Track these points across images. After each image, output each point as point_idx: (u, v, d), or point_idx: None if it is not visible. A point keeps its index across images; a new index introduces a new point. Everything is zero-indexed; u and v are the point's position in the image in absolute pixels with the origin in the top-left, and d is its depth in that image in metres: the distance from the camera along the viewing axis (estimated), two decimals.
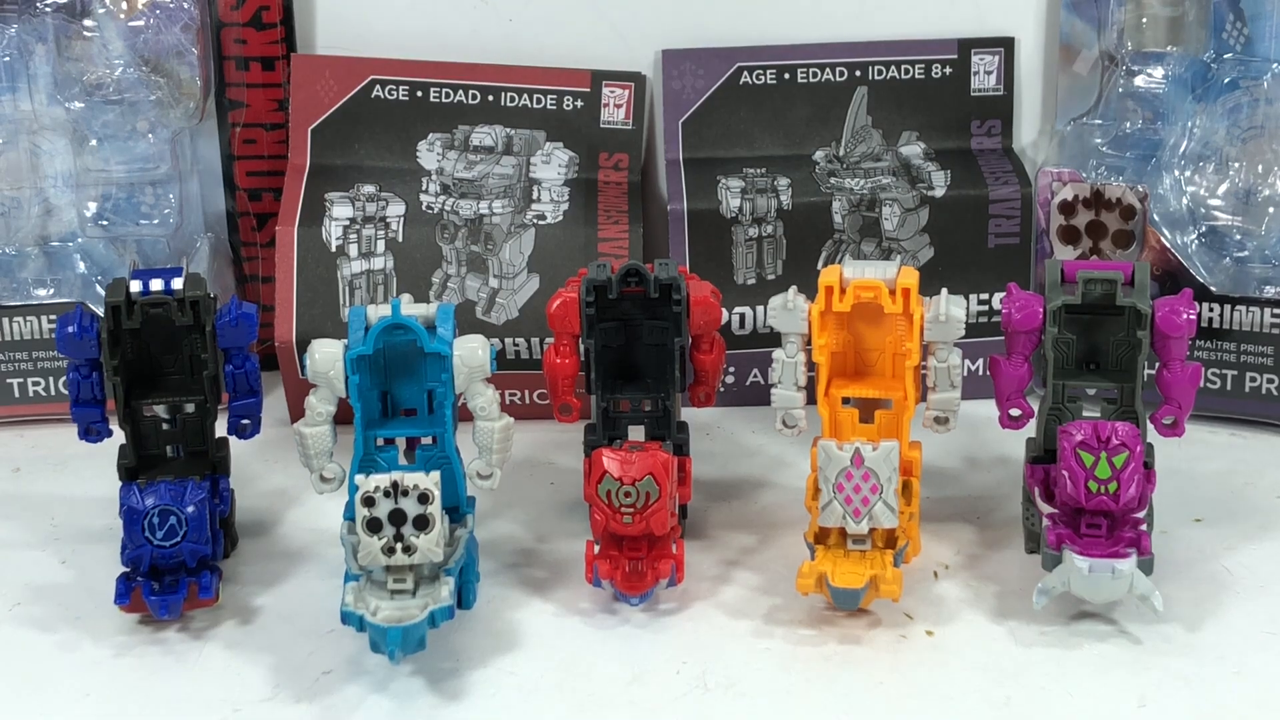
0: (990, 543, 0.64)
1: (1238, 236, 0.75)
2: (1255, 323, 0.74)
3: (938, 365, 0.61)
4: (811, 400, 0.61)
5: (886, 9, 0.81)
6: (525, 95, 0.80)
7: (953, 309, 0.60)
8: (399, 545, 0.54)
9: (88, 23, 0.76)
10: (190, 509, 0.58)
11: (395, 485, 0.54)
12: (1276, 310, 0.73)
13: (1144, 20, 0.76)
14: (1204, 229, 0.75)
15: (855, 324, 0.60)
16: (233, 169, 0.81)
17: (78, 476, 0.69)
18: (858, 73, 0.80)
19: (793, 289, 0.61)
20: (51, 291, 0.77)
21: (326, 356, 0.59)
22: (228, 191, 0.81)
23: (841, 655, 0.56)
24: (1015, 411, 0.62)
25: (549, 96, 0.80)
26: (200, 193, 0.79)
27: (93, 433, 0.61)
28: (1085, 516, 0.57)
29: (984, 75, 0.81)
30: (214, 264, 0.79)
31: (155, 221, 0.77)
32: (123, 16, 0.76)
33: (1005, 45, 0.80)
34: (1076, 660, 0.56)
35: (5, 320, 0.76)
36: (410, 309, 0.57)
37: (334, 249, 0.77)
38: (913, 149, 0.80)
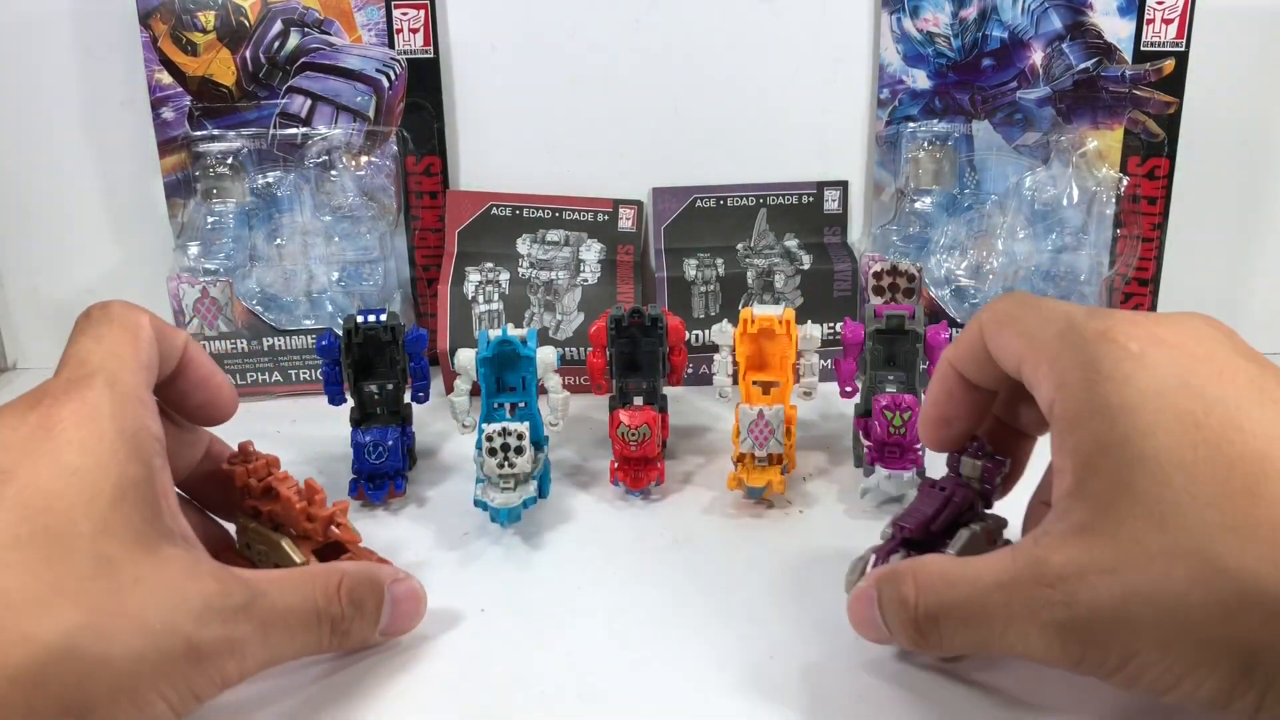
0: (835, 461, 0.64)
1: (971, 291, 0.75)
2: None
3: (805, 363, 0.61)
4: (735, 382, 0.61)
5: (777, 164, 0.81)
6: (576, 212, 0.80)
7: (813, 331, 0.60)
8: (506, 462, 0.54)
9: (333, 172, 0.76)
10: (390, 442, 0.58)
11: (504, 430, 0.54)
12: None
13: (920, 171, 0.76)
14: (953, 287, 0.75)
15: (759, 340, 0.60)
16: (414, 254, 0.81)
17: (327, 425, 0.69)
18: (761, 200, 0.80)
19: (724, 321, 0.61)
20: (313, 322, 0.77)
21: (466, 358, 0.59)
22: (411, 266, 0.81)
23: (752, 523, 0.57)
24: (848, 389, 0.62)
25: (589, 213, 0.80)
26: (395, 267, 0.79)
27: (336, 400, 0.61)
28: (887, 446, 0.58)
29: (831, 202, 0.80)
30: (403, 307, 0.80)
31: (371, 283, 0.77)
32: (354, 168, 0.77)
33: (843, 185, 0.80)
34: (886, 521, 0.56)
35: (288, 338, 0.76)
36: (512, 332, 0.58)
37: (470, 298, 0.77)
38: (792, 243, 0.80)
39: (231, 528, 0.49)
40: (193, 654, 0.35)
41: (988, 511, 0.47)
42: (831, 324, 0.74)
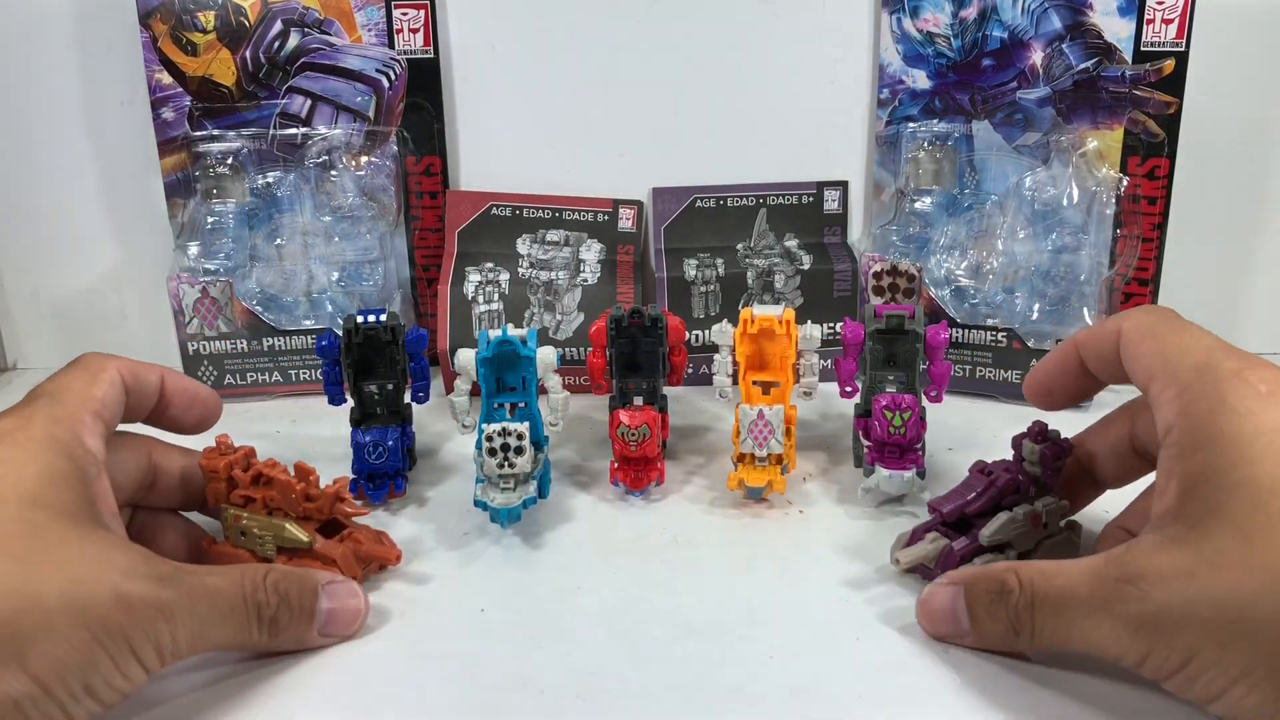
0: (835, 461, 0.64)
1: (971, 291, 0.75)
2: (981, 339, 0.74)
3: (805, 363, 0.61)
4: (735, 382, 0.61)
5: (777, 165, 0.81)
6: (576, 212, 0.80)
7: (813, 331, 0.60)
8: (506, 463, 0.54)
9: (333, 173, 0.76)
10: (390, 442, 0.58)
11: (504, 430, 0.54)
12: (992, 333, 0.73)
13: (920, 171, 0.76)
14: (953, 287, 0.75)
15: (759, 340, 0.60)
16: (414, 254, 0.80)
17: (327, 425, 0.69)
18: (761, 200, 0.80)
19: (724, 321, 0.61)
20: (313, 322, 0.77)
21: (465, 358, 0.59)
22: (411, 266, 0.81)
23: (752, 523, 0.57)
24: (848, 389, 0.62)
25: (589, 213, 0.80)
26: (395, 267, 0.79)
27: (336, 400, 0.61)
28: (887, 446, 0.58)
29: (831, 202, 0.80)
30: (403, 307, 0.80)
31: (371, 284, 0.77)
32: (354, 168, 0.77)
33: (843, 185, 0.80)
34: (886, 524, 0.56)
35: (288, 338, 0.76)
36: (512, 332, 0.58)
37: (469, 298, 0.77)
38: (792, 243, 0.80)
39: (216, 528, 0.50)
40: (122, 602, 0.36)
41: (1048, 496, 0.49)
42: (831, 324, 0.74)
